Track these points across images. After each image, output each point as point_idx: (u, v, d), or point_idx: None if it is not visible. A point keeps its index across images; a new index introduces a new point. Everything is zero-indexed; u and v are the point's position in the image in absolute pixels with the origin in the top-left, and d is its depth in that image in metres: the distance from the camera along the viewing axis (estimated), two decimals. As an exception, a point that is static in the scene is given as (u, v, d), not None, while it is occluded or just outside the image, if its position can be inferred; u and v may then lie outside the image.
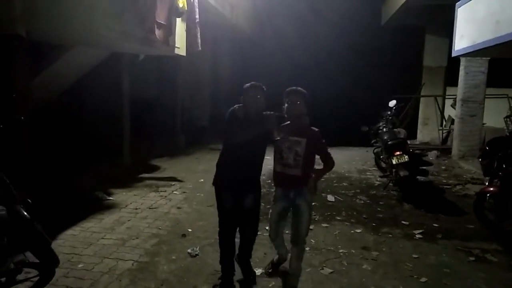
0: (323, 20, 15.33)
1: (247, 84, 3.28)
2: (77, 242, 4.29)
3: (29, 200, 3.10)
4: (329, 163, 3.34)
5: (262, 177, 3.62)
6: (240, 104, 3.25)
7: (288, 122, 3.27)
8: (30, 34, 4.33)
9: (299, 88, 3.25)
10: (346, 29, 15.14)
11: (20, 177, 3.81)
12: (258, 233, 3.65)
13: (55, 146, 6.57)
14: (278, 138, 3.19)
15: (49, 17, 4.45)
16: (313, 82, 13.56)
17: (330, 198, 6.24)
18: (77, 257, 3.92)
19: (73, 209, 5.22)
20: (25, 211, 2.99)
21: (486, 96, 9.59)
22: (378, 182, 7.29)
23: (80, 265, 3.77)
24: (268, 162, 3.38)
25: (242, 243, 3.51)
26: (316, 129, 3.30)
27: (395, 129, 7.32)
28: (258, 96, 3.22)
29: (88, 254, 4.01)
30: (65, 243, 4.25)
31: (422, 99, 12.65)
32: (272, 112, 3.24)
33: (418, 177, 6.50)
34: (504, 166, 4.66)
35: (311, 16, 15.31)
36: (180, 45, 7.31)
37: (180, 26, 7.19)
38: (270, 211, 3.48)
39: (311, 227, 4.80)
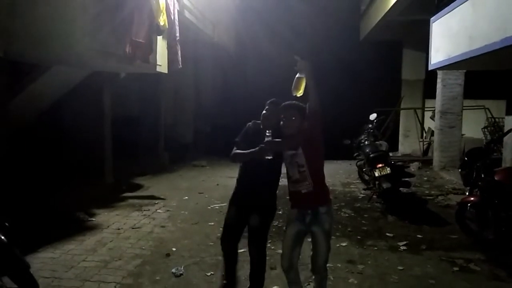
0: (303, 36, 15.58)
1: (269, 101, 3.25)
2: (57, 265, 4.16)
3: (6, 224, 3.01)
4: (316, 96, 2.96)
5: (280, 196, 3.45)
6: (255, 121, 3.31)
7: (268, 132, 3.06)
8: (7, 53, 4.27)
9: (295, 102, 3.06)
10: (326, 45, 15.44)
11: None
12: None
13: (35, 166, 6.43)
14: (270, 157, 3.08)
15: (27, 37, 4.42)
16: (294, 98, 13.72)
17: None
18: (57, 281, 3.81)
19: (53, 231, 5.08)
20: (2, 235, 2.90)
21: (464, 108, 9.83)
22: (362, 195, 7.34)
23: (60, 289, 3.66)
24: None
25: (252, 266, 3.39)
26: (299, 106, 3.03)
27: (376, 142, 7.43)
28: (276, 112, 3.14)
29: (69, 277, 3.90)
30: (45, 266, 4.12)
31: (402, 111, 12.89)
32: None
33: (401, 188, 6.57)
34: (483, 176, 4.74)
35: (291, 33, 15.54)
36: (162, 62, 7.30)
37: (161, 44, 7.20)
38: (284, 236, 3.16)
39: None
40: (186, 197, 7.02)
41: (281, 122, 3.05)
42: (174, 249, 4.65)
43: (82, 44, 4.99)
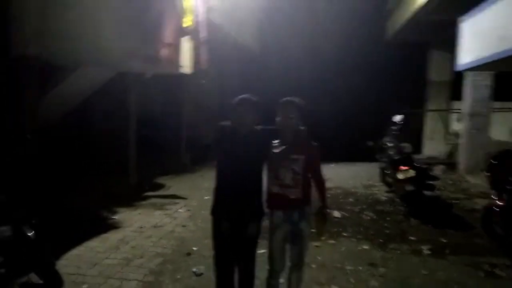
0: (328, 37, 15.47)
1: (236, 98, 2.96)
2: (81, 262, 4.27)
3: (34, 221, 3.10)
4: (322, 182, 3.07)
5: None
6: (227, 121, 2.99)
7: (282, 137, 2.96)
8: (40, 55, 4.41)
9: (294, 99, 2.95)
10: (351, 45, 15.26)
11: (25, 196, 3.83)
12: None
13: (62, 165, 6.61)
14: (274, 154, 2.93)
15: (58, 38, 4.55)
16: (318, 99, 13.64)
17: (337, 214, 6.18)
18: (81, 278, 3.90)
19: (78, 228, 5.21)
20: (30, 232, 3.00)
21: (493, 110, 9.55)
22: (385, 198, 7.23)
23: (84, 286, 3.75)
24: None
25: (241, 278, 3.07)
26: (315, 144, 3.01)
27: (400, 144, 7.30)
28: (248, 110, 2.91)
29: (93, 274, 3.99)
30: (70, 263, 4.23)
31: (427, 113, 12.64)
32: (261, 127, 3.00)
33: (424, 191, 6.43)
34: (510, 180, 4.60)
35: (316, 32, 15.47)
36: (186, 63, 7.38)
37: (186, 45, 7.28)
38: (270, 241, 3.02)
39: (318, 244, 4.80)
40: (207, 197, 7.06)
41: (278, 119, 2.93)
42: (194, 248, 4.70)
43: (110, 44, 5.11)
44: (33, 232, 3.02)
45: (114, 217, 5.83)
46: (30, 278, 3.04)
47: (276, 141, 2.97)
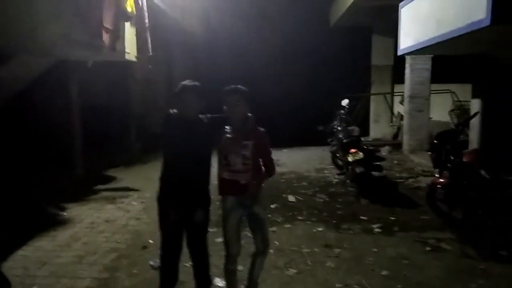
0: (273, 22, 15.54)
1: (179, 86, 2.94)
2: (29, 262, 4.04)
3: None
4: (271, 168, 3.12)
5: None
6: (174, 109, 2.98)
7: (231, 124, 2.98)
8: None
9: (237, 86, 2.97)
10: (297, 31, 15.46)
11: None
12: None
13: (0, 161, 6.17)
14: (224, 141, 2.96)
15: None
16: (267, 85, 13.71)
17: (291, 198, 6.30)
18: (30, 279, 3.70)
19: (23, 227, 4.92)
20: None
21: (431, 92, 10.09)
22: (336, 180, 7.46)
23: (34, 287, 3.56)
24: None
25: (196, 266, 3.13)
26: (262, 129, 3.06)
27: (349, 127, 7.53)
28: (193, 97, 2.90)
29: (43, 274, 3.80)
30: (17, 264, 3.99)
31: (372, 97, 13.11)
32: (209, 115, 3.02)
33: (373, 172, 6.71)
34: (452, 158, 4.89)
35: (261, 18, 15.47)
36: (130, 50, 7.09)
37: (129, 31, 6.98)
38: (224, 226, 3.04)
39: (274, 229, 4.87)
40: (161, 188, 6.92)
41: (225, 107, 2.95)
42: (150, 241, 4.59)
43: (45, 29, 4.78)
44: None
45: (62, 213, 5.56)
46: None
47: (228, 128, 2.98)
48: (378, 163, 6.82)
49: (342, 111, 7.98)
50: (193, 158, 2.91)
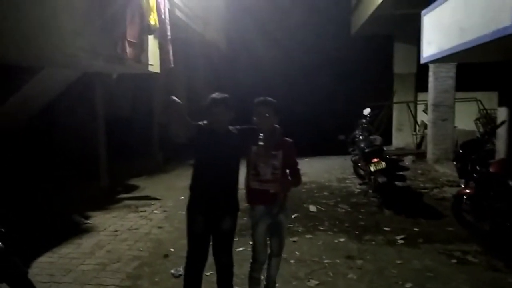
0: (294, 33, 15.61)
1: (209, 99, 3.00)
2: (55, 269, 4.13)
3: (3, 229, 2.97)
4: (298, 177, 3.22)
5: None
6: (205, 121, 3.04)
7: (261, 135, 3.02)
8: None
9: (267, 98, 3.09)
10: (317, 41, 15.46)
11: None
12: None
13: (28, 169, 6.37)
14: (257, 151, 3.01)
15: (14, 38, 4.34)
16: (288, 95, 13.73)
17: (312, 208, 6.25)
18: (55, 286, 3.78)
19: (49, 235, 5.04)
20: (-1, 242, 2.87)
21: (456, 100, 9.89)
22: (358, 190, 7.37)
23: (59, 294, 3.64)
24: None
25: (220, 274, 3.17)
26: (290, 140, 3.17)
27: (371, 137, 7.45)
28: (224, 110, 2.97)
29: (67, 281, 3.88)
30: (42, 271, 4.09)
31: (395, 105, 12.93)
32: (238, 126, 3.11)
33: (396, 182, 6.60)
34: (478, 168, 4.78)
35: (283, 29, 15.55)
36: (154, 62, 7.25)
37: (152, 44, 7.15)
38: (253, 234, 3.16)
39: (295, 239, 4.85)
40: (183, 197, 6.98)
41: (255, 118, 3.05)
42: (172, 249, 4.64)
43: (71, 44, 4.93)
44: (2, 241, 2.89)
45: (87, 222, 5.68)
46: (1, 290, 2.92)
47: (261, 135, 3.03)
48: (401, 173, 6.70)
49: (364, 120, 7.91)
50: (222, 169, 3.00)
